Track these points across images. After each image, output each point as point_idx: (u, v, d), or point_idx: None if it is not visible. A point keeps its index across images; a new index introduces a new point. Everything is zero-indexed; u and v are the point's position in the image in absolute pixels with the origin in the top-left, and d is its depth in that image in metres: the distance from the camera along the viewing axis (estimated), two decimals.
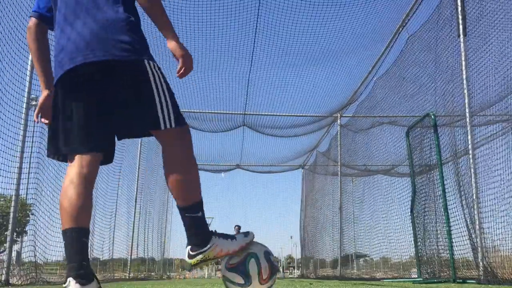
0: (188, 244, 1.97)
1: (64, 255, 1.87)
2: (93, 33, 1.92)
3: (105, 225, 9.88)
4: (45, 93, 2.19)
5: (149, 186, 14.38)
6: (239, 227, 14.81)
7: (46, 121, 2.16)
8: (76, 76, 1.91)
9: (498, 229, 5.37)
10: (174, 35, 2.01)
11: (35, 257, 5.87)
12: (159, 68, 2.01)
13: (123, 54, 1.90)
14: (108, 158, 2.09)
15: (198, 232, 1.97)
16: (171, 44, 2.01)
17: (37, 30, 2.21)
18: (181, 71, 2.01)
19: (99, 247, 9.56)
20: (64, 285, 1.77)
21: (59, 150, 1.98)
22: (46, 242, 6.35)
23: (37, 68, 2.21)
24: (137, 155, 12.10)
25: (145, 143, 12.83)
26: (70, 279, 1.74)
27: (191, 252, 1.95)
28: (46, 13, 2.21)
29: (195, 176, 2.00)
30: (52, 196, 6.60)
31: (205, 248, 1.94)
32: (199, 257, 1.94)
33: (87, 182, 1.92)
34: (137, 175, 12.12)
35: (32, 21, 2.21)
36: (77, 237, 1.83)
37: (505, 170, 5.45)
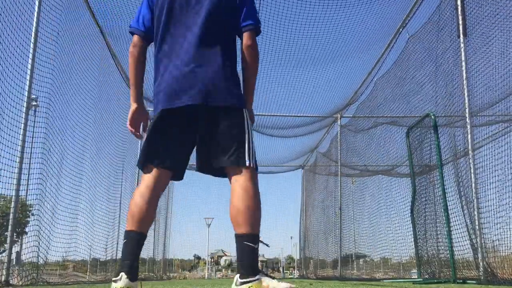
0: (238, 272, 2.09)
1: (122, 253, 2.16)
2: (206, 77, 2.20)
3: (110, 225, 9.89)
4: (134, 106, 2.43)
5: None
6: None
7: (138, 134, 2.48)
8: (179, 111, 2.21)
9: (498, 229, 5.37)
10: (252, 100, 2.42)
11: (38, 258, 5.87)
12: (248, 117, 2.32)
13: (237, 103, 2.25)
14: (180, 176, 2.43)
15: (251, 263, 2.09)
16: (250, 107, 2.40)
17: (141, 49, 2.41)
18: None
19: (101, 248, 9.57)
20: (115, 279, 2.09)
21: (147, 162, 2.28)
22: (48, 243, 6.35)
23: (132, 81, 2.43)
24: (138, 155, 12.08)
25: None
26: (123, 274, 2.07)
27: (239, 279, 2.05)
28: (150, 33, 2.40)
29: (260, 213, 2.19)
30: (55, 197, 6.60)
31: (254, 278, 2.04)
32: (246, 285, 2.03)
33: (155, 194, 2.27)
34: (137, 175, 12.12)
35: (137, 38, 2.40)
36: (136, 240, 2.18)
37: (505, 171, 5.45)
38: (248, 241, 2.10)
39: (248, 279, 2.03)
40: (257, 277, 2.04)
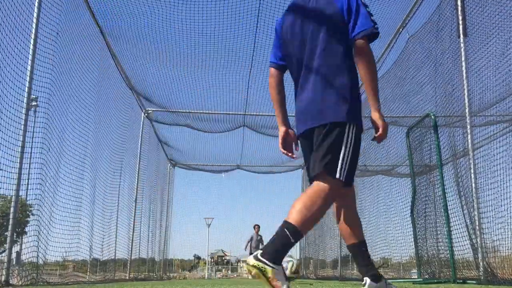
0: (263, 249, 2.08)
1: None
2: (318, 100, 2.36)
3: (106, 225, 9.88)
4: (282, 129, 2.64)
5: (150, 187, 14.38)
6: (259, 226, 15.00)
7: (289, 154, 2.64)
8: (305, 133, 2.45)
9: (498, 229, 5.37)
10: (378, 106, 2.38)
11: (37, 258, 5.87)
12: (357, 131, 2.35)
13: (338, 118, 2.31)
14: None
15: (277, 249, 2.08)
16: (375, 115, 2.38)
17: (276, 79, 2.66)
18: (379, 138, 2.41)
19: (99, 248, 9.56)
20: (363, 283, 2.42)
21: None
22: (47, 243, 6.35)
23: (276, 108, 2.69)
24: (137, 155, 12.09)
25: (145, 143, 12.83)
26: (367, 279, 2.41)
27: (259, 256, 2.04)
28: (283, 63, 2.64)
29: (312, 217, 2.20)
30: (53, 197, 6.60)
31: (271, 265, 2.03)
32: (262, 265, 2.02)
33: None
34: (137, 175, 12.11)
35: (272, 71, 2.67)
36: (361, 248, 2.51)
37: (505, 171, 5.45)
38: (288, 230, 2.11)
39: (265, 260, 2.02)
40: (274, 265, 2.02)
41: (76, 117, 7.67)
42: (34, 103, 5.90)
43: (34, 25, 5.61)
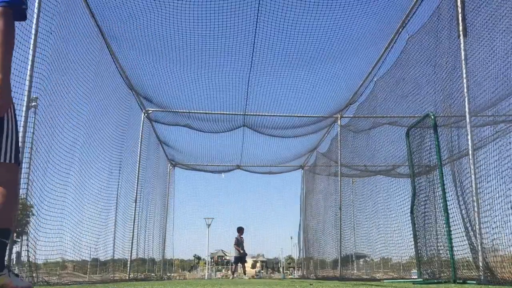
0: None
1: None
2: None
3: (106, 225, 9.88)
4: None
5: (150, 187, 14.38)
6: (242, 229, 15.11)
7: None
8: None
9: (497, 228, 5.36)
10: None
11: (34, 258, 5.86)
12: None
13: None
14: None
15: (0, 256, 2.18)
16: None
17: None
18: None
19: (100, 248, 9.55)
20: None
21: None
22: (35, 243, 6.32)
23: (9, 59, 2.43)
24: (137, 155, 12.08)
25: (145, 143, 12.83)
26: None
27: None
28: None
29: (9, 206, 2.22)
30: (49, 196, 6.58)
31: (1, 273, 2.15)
32: None
33: None
34: (137, 175, 12.11)
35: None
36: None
37: (504, 170, 5.45)
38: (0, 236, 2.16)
39: None
40: (3, 272, 2.21)
41: (75, 117, 7.67)
42: (34, 103, 5.90)
43: (34, 26, 5.61)
